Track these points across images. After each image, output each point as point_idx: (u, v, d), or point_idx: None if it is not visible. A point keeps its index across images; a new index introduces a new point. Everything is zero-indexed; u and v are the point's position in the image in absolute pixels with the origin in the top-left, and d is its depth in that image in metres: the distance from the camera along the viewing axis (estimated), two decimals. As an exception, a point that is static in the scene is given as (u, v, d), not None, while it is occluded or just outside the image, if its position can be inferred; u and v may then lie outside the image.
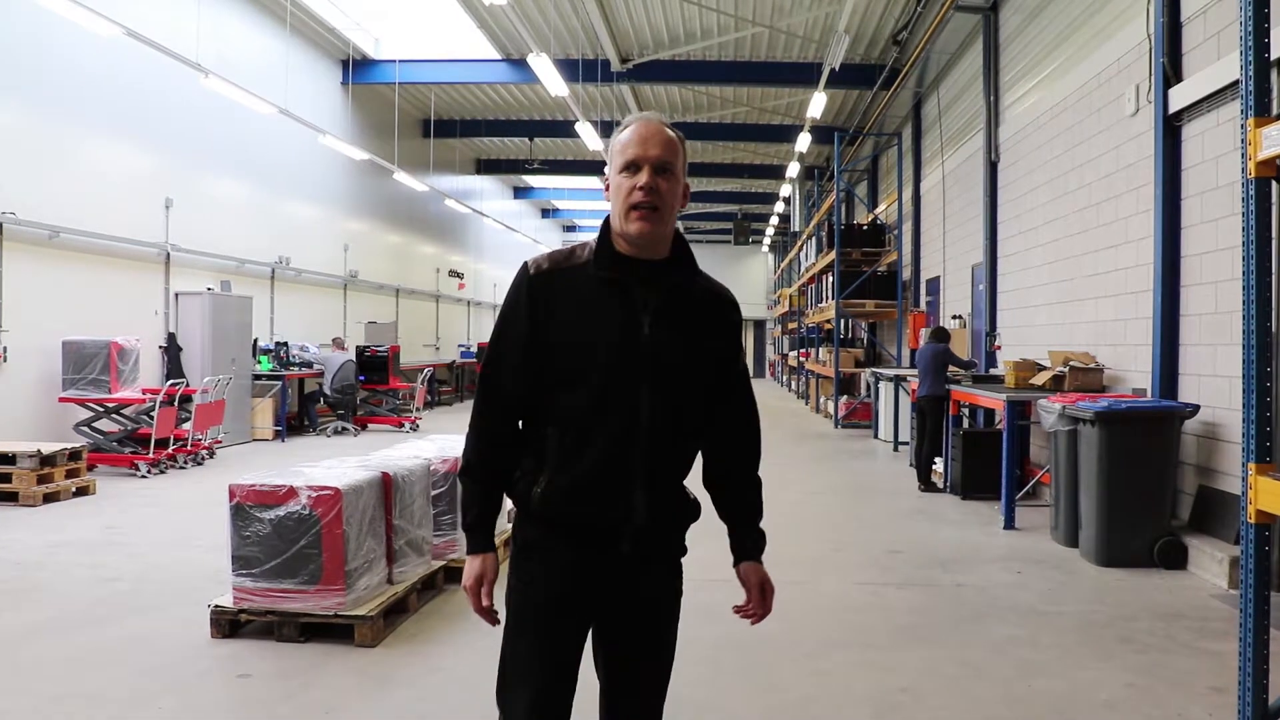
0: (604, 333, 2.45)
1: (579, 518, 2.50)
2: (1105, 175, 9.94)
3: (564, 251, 2.57)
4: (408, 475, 6.21)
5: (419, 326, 26.03)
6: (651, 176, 2.44)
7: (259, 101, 13.96)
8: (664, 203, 2.46)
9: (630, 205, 2.44)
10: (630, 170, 2.45)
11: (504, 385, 2.53)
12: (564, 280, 2.50)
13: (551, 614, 2.54)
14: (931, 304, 18.54)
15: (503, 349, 2.53)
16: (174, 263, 14.67)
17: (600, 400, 2.45)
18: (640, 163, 2.44)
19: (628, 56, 19.16)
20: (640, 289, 2.49)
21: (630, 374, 2.45)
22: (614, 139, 2.53)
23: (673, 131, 2.52)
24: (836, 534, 8.89)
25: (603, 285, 2.47)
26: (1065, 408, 8.03)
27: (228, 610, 5.55)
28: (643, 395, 2.46)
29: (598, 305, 2.47)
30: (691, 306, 2.58)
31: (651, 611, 2.66)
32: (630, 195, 2.44)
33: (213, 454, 13.58)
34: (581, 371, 2.45)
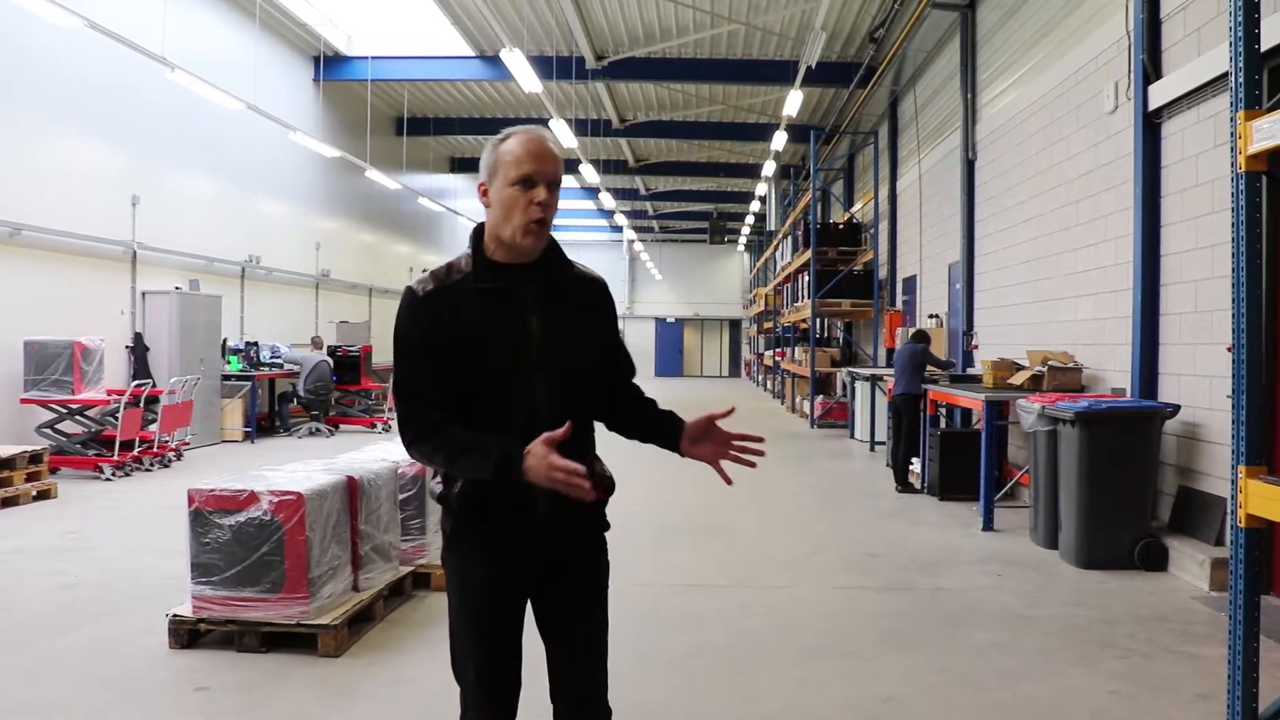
0: (495, 340, 2.59)
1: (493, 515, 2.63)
2: (1084, 173, 9.86)
3: (442, 270, 2.68)
4: (374, 479, 6.03)
5: (391, 326, 25.67)
6: (547, 193, 2.59)
7: (226, 97, 13.69)
8: (551, 216, 2.63)
9: (531, 220, 2.57)
10: (524, 185, 2.56)
11: (423, 390, 2.61)
12: (450, 297, 2.61)
13: (481, 593, 2.68)
14: (908, 303, 18.47)
15: (413, 370, 2.63)
16: (141, 261, 14.40)
17: (501, 404, 2.60)
18: (536, 179, 2.57)
19: (603, 54, 19.01)
20: (521, 291, 2.63)
21: (525, 374, 2.61)
22: (498, 148, 2.62)
23: (556, 145, 2.69)
24: (814, 536, 8.77)
25: (486, 296, 2.61)
26: (1045, 408, 7.94)
27: (186, 620, 5.36)
28: (539, 391, 2.61)
29: (485, 316, 2.59)
30: (569, 296, 2.73)
31: (579, 582, 2.78)
32: (528, 210, 2.57)
33: (180, 456, 13.33)
34: (482, 380, 2.60)
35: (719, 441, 2.85)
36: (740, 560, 7.77)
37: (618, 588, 2.94)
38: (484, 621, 2.69)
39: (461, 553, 2.69)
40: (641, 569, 7.31)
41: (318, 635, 5.28)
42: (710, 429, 2.85)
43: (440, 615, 6.28)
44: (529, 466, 2.46)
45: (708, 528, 9.08)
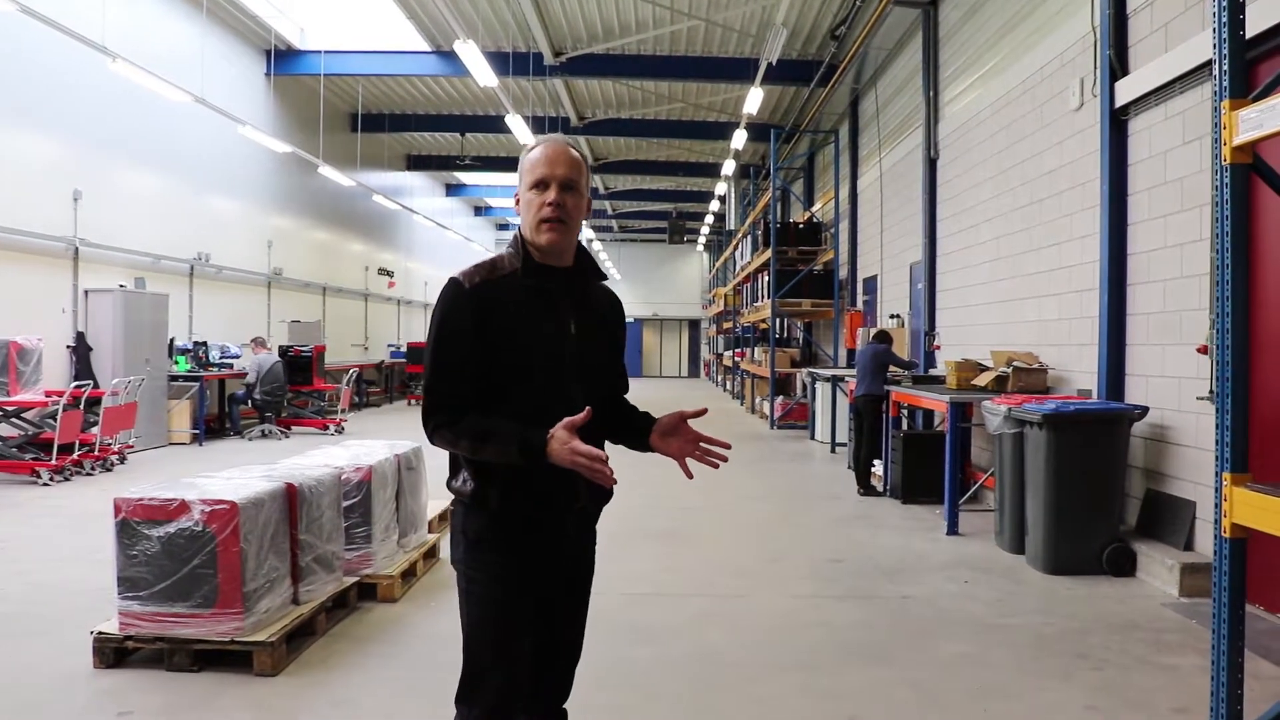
0: (539, 336, 2.73)
1: (535, 509, 2.74)
2: (1048, 171, 9.72)
3: (486, 265, 2.78)
4: (315, 486, 5.73)
5: (347, 326, 25.32)
6: (559, 193, 2.72)
7: (172, 89, 13.26)
8: (570, 216, 2.75)
9: (540, 219, 2.72)
10: (540, 188, 2.73)
11: (455, 379, 2.68)
12: (497, 291, 2.71)
13: (514, 596, 2.75)
14: (869, 303, 18.34)
15: (450, 359, 2.69)
16: (83, 259, 13.94)
17: (541, 398, 2.70)
18: (549, 181, 2.72)
19: (561, 50, 18.73)
20: (561, 293, 2.79)
21: (563, 371, 2.75)
22: (524, 159, 2.79)
23: (577, 152, 2.80)
24: (774, 542, 8.55)
25: (531, 293, 2.74)
26: (1011, 410, 7.76)
27: (112, 637, 5.03)
28: (574, 390, 2.75)
29: (530, 312, 2.73)
30: (598, 307, 2.94)
31: (584, 583, 3.02)
32: (540, 210, 2.72)
33: (124, 459, 12.90)
34: (523, 372, 2.71)
35: (687, 439, 2.94)
36: (699, 567, 7.53)
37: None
38: (518, 630, 2.76)
39: (495, 550, 2.74)
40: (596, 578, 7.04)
41: (253, 653, 4.97)
42: (680, 426, 2.94)
43: (387, 627, 6.04)
44: (552, 450, 2.55)
45: (665, 533, 8.83)
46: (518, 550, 2.74)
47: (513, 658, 2.75)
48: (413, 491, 7.24)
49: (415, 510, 7.26)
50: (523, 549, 2.75)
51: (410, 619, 6.07)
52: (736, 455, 11.21)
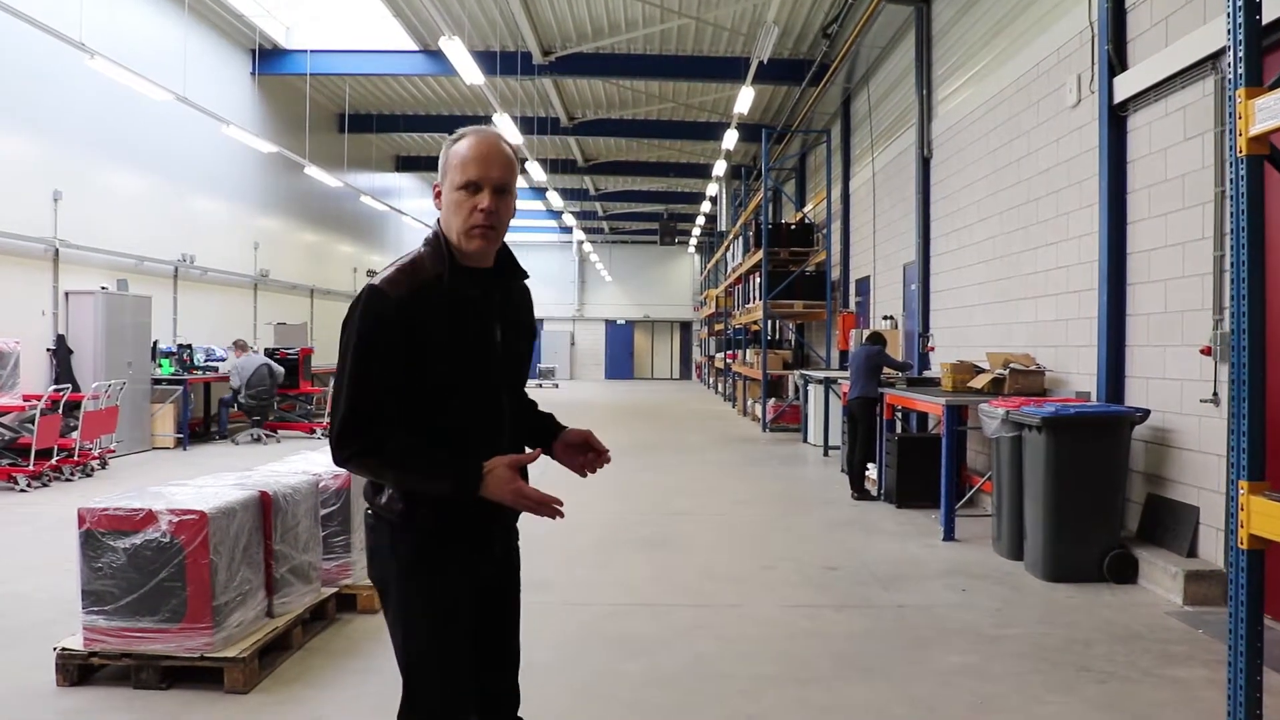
0: (468, 346, 2.56)
1: (468, 525, 2.61)
2: (1044, 170, 9.55)
3: (406, 269, 2.56)
4: (291, 494, 5.52)
5: (336, 328, 24.97)
6: (493, 199, 2.54)
7: (152, 87, 13.00)
8: (500, 222, 2.58)
9: (472, 225, 2.54)
10: (471, 189, 2.53)
11: (378, 398, 2.47)
12: (422, 300, 2.51)
13: (453, 610, 2.60)
14: (861, 304, 18.17)
15: (373, 377, 2.48)
16: (64, 260, 13.69)
17: (472, 411, 2.59)
18: (482, 183, 2.53)
19: (550, 49, 18.52)
20: (485, 300, 2.62)
21: (492, 381, 2.63)
22: (449, 149, 2.59)
23: (509, 147, 2.61)
24: (767, 548, 8.35)
25: (457, 301, 2.55)
26: (1009, 413, 7.58)
27: (76, 654, 4.82)
28: (503, 398, 2.67)
29: (458, 321, 2.54)
30: (520, 309, 2.79)
31: (516, 587, 2.88)
32: (471, 215, 2.53)
33: (105, 465, 12.68)
34: (453, 386, 2.55)
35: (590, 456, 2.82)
36: (690, 576, 7.32)
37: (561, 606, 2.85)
38: (462, 639, 2.63)
39: (432, 572, 2.58)
40: (584, 586, 6.86)
41: (224, 669, 4.77)
42: (587, 445, 2.82)
43: (367, 640, 5.83)
44: (489, 485, 2.47)
45: (655, 540, 8.63)
46: (453, 568, 2.61)
47: (460, 676, 2.64)
48: (395, 498, 7.03)
49: (397, 518, 7.04)
50: (458, 566, 2.62)
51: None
52: (728, 459, 11.11)
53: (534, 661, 4.05)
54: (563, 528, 8.52)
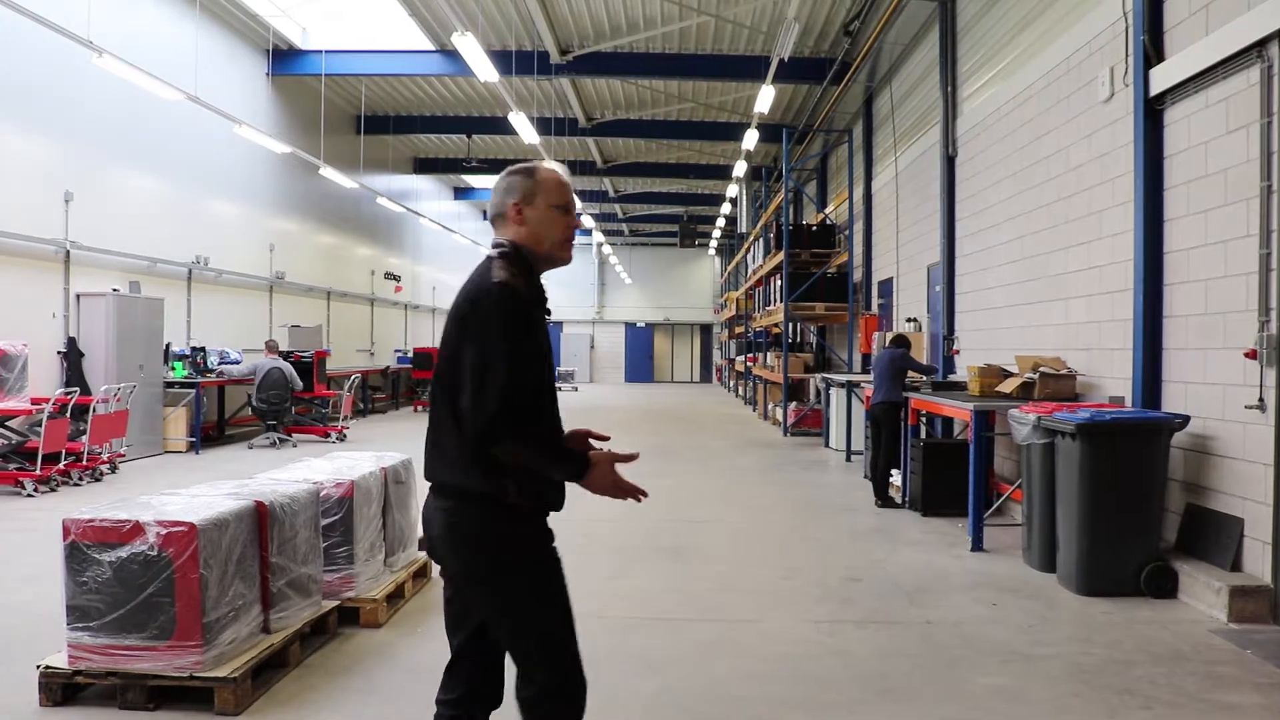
0: (548, 348, 2.95)
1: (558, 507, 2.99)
2: (1075, 167, 9.23)
3: (516, 272, 2.88)
4: (289, 504, 5.27)
5: (352, 331, 24.93)
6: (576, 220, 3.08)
7: (163, 86, 12.81)
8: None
9: (568, 239, 3.05)
10: (566, 210, 3.03)
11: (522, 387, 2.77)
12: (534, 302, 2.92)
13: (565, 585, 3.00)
14: (884, 307, 17.84)
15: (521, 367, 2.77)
16: (75, 262, 13.52)
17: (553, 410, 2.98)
18: (572, 207, 3.06)
19: (567, 48, 18.29)
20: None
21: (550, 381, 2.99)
22: (538, 177, 3.01)
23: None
24: (787, 558, 8.06)
25: (542, 306, 2.98)
26: (1041, 419, 7.27)
27: (60, 672, 4.58)
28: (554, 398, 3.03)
29: (542, 324, 2.93)
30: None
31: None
32: (567, 231, 3.04)
33: (115, 469, 12.50)
34: (545, 382, 2.93)
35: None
36: (706, 587, 7.04)
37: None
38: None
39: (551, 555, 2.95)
40: (596, 598, 6.58)
41: (214, 689, 4.52)
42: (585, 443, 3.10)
43: (369, 656, 5.59)
44: (594, 476, 2.88)
45: (671, 549, 8.35)
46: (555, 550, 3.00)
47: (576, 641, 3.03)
48: (401, 507, 6.78)
49: (404, 527, 6.79)
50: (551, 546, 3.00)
51: (394, 648, 5.60)
52: (748, 464, 10.78)
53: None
54: (576, 536, 8.25)
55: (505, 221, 3.01)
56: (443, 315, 29.69)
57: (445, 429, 2.87)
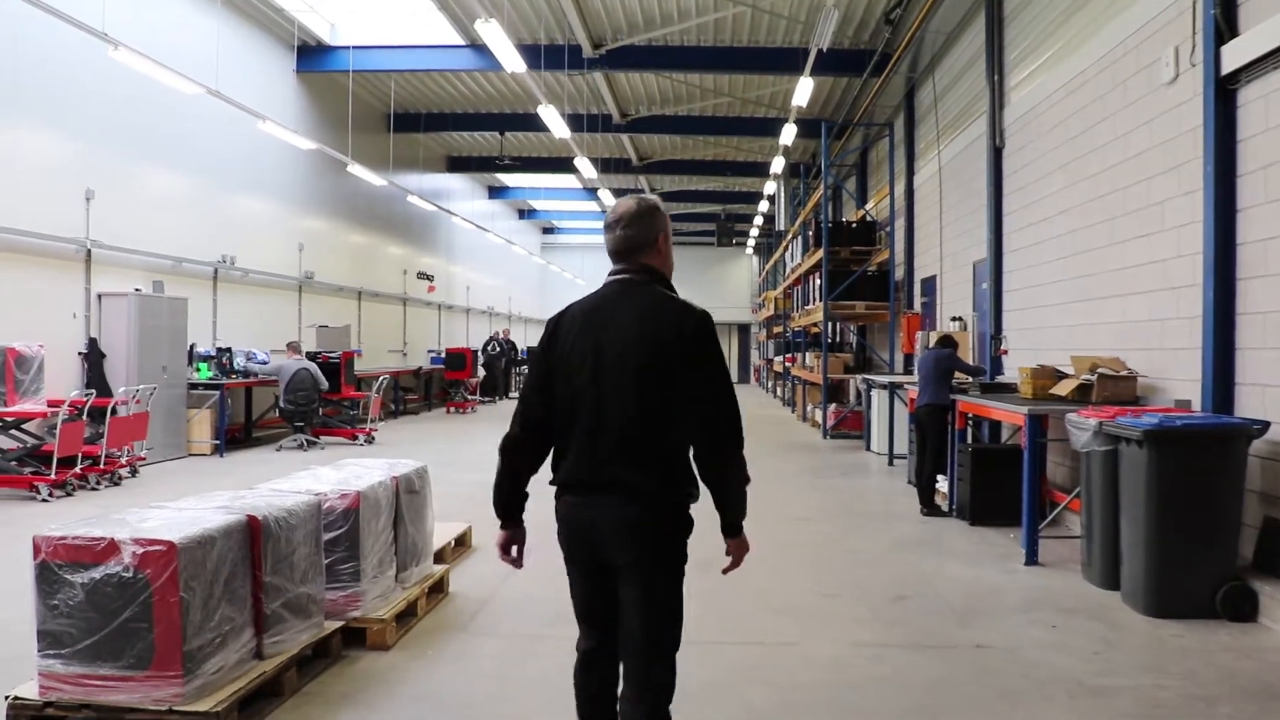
0: None
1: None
2: (1134, 155, 8.66)
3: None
4: (285, 518, 4.85)
5: (384, 331, 24.63)
6: None
7: (182, 80, 12.46)
8: None
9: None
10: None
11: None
12: None
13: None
14: (927, 305, 17.27)
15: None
16: (96, 261, 13.25)
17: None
18: None
19: (600, 41, 17.84)
20: None
21: None
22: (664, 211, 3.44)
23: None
24: (828, 573, 7.55)
25: None
26: (1103, 424, 6.73)
27: (30, 704, 4.20)
28: None
29: None
30: None
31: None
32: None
33: (135, 472, 12.20)
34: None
35: None
36: (740, 606, 6.54)
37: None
38: None
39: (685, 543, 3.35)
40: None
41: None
42: None
43: (374, 682, 5.16)
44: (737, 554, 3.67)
45: (703, 561, 7.72)
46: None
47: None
48: (415, 518, 6.36)
49: (418, 540, 6.37)
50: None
51: (402, 672, 5.17)
52: (787, 468, 10.15)
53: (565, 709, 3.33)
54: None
55: (650, 250, 3.35)
56: (477, 315, 29.37)
57: (646, 439, 3.18)
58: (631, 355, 3.16)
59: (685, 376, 3.16)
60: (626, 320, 3.20)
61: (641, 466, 3.16)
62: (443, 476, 12.83)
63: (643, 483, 3.17)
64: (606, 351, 3.19)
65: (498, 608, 6.51)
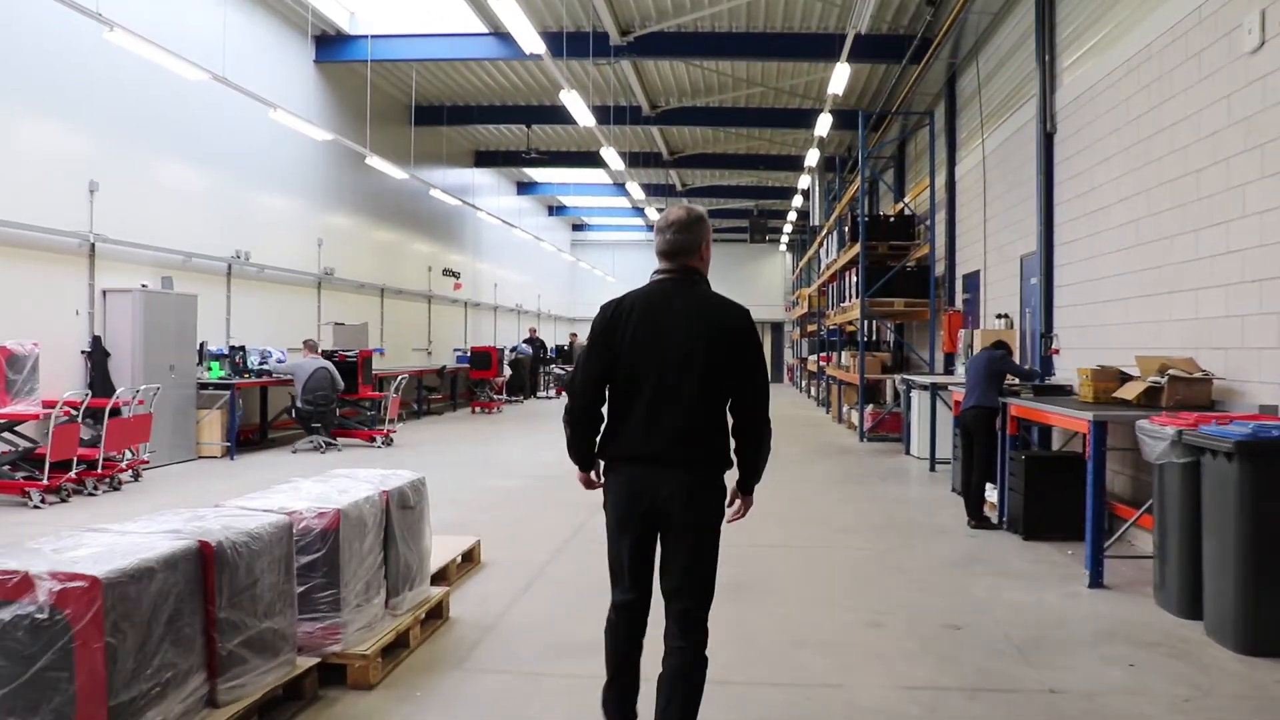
0: None
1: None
2: (1209, 134, 7.87)
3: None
4: (247, 544, 4.19)
5: (408, 329, 24.05)
6: None
7: (185, 65, 11.81)
8: None
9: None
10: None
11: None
12: None
13: None
14: (969, 302, 16.44)
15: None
16: (100, 256, 12.69)
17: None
18: None
19: (628, 27, 17.15)
20: None
21: None
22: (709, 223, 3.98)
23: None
24: (872, 597, 6.81)
25: None
26: (1184, 433, 5.96)
27: (-70, 767, 3.55)
28: None
29: None
30: None
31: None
32: None
33: (138, 476, 11.64)
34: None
35: None
36: (778, 638, 5.82)
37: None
38: None
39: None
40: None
41: (124, 794, 3.46)
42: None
43: None
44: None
45: (733, 585, 7.09)
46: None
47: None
48: (410, 536, 5.69)
49: (412, 561, 5.69)
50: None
51: (384, 717, 4.50)
52: (823, 474, 9.25)
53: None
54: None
55: (694, 256, 3.87)
56: (505, 313, 28.74)
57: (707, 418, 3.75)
58: (689, 343, 3.71)
59: (731, 363, 3.74)
60: (682, 312, 3.75)
61: (697, 441, 3.72)
62: (460, 481, 12.25)
63: (697, 456, 3.73)
64: (664, 340, 3.72)
65: (503, 635, 5.83)
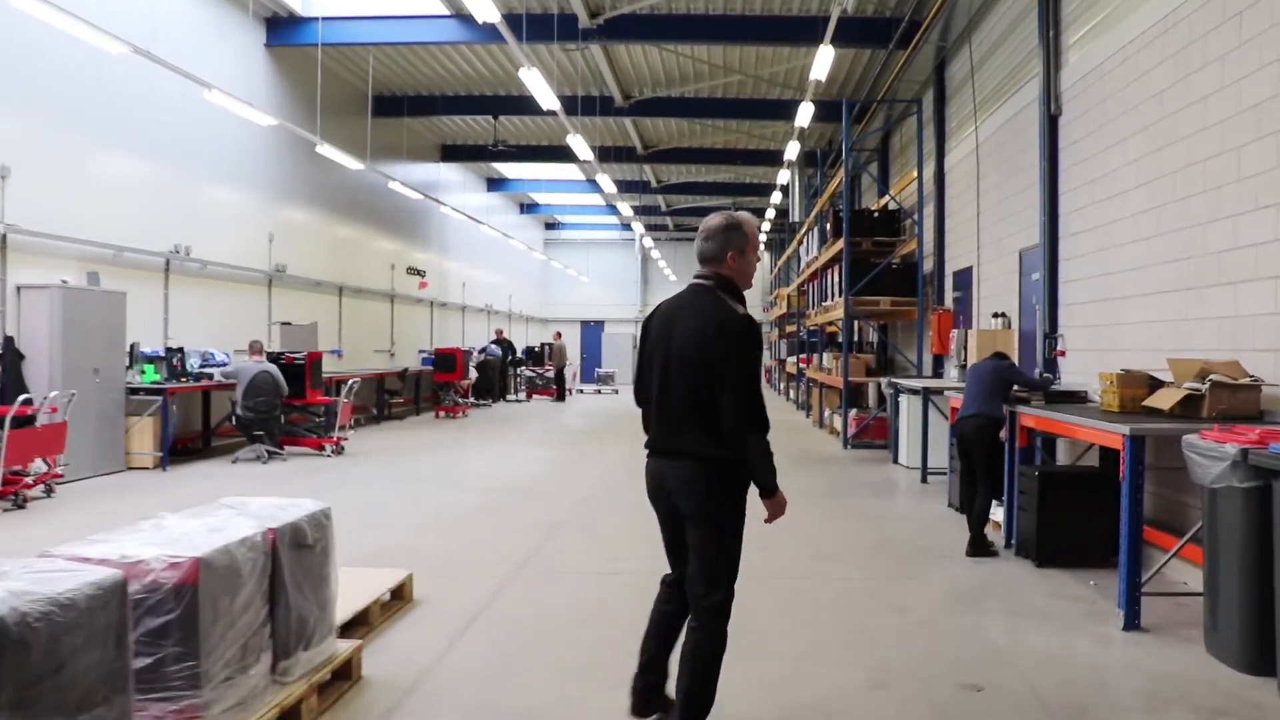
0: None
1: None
2: (1244, 109, 6.89)
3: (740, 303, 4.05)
4: (51, 614, 3.07)
5: (370, 330, 22.92)
6: None
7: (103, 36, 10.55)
8: None
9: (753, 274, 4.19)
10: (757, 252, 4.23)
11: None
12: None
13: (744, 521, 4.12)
14: (961, 300, 15.46)
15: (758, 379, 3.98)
16: (13, 248, 11.53)
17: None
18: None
19: (598, 9, 16.12)
20: None
21: None
22: (749, 230, 4.11)
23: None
24: (871, 644, 5.74)
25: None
26: (1251, 451, 4.95)
27: None
28: None
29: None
30: None
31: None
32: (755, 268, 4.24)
33: (50, 491, 10.50)
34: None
35: None
36: (757, 701, 4.77)
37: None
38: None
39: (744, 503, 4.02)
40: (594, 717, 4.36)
41: None
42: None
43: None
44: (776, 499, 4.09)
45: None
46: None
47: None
48: (308, 581, 4.60)
49: (309, 612, 4.59)
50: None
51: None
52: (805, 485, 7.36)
53: None
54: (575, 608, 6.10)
55: (720, 263, 4.07)
56: (474, 313, 27.54)
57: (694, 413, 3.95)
58: (683, 345, 3.95)
59: (720, 368, 3.86)
60: (689, 319, 3.99)
61: (695, 435, 3.92)
62: (408, 497, 11.12)
63: (696, 448, 3.93)
64: (673, 344, 3.99)
65: (425, 698, 4.76)
